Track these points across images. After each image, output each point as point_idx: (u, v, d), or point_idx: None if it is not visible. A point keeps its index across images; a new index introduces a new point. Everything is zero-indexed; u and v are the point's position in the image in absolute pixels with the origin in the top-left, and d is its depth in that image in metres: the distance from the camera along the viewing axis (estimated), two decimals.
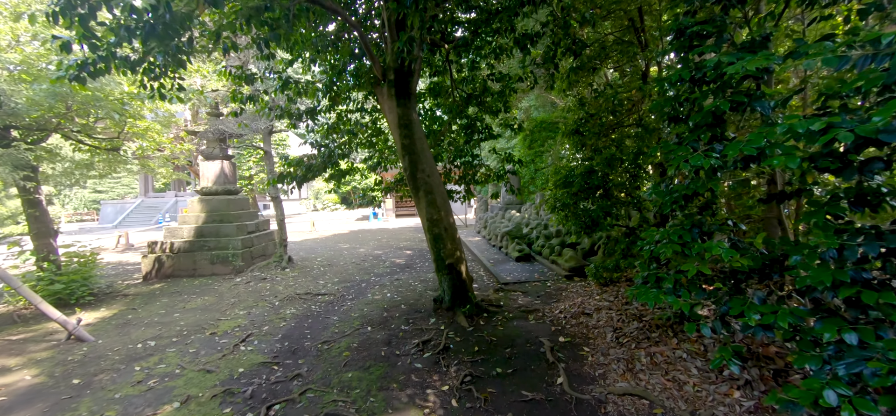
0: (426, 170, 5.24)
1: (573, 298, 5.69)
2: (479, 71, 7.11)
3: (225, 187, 9.24)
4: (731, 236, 3.24)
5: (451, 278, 5.20)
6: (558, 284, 6.84)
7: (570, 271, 7.24)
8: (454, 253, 5.21)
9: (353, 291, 7.38)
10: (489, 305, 5.55)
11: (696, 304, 3.04)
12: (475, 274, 8.21)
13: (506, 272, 7.87)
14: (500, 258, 9.37)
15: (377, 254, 11.53)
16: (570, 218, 6.86)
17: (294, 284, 7.92)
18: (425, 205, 5.22)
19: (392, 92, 5.24)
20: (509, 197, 15.97)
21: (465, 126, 7.26)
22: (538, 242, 9.36)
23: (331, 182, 6.63)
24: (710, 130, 3.10)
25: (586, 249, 7.99)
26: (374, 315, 5.72)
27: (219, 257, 8.42)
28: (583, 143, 7.25)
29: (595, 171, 6.55)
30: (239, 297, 7.01)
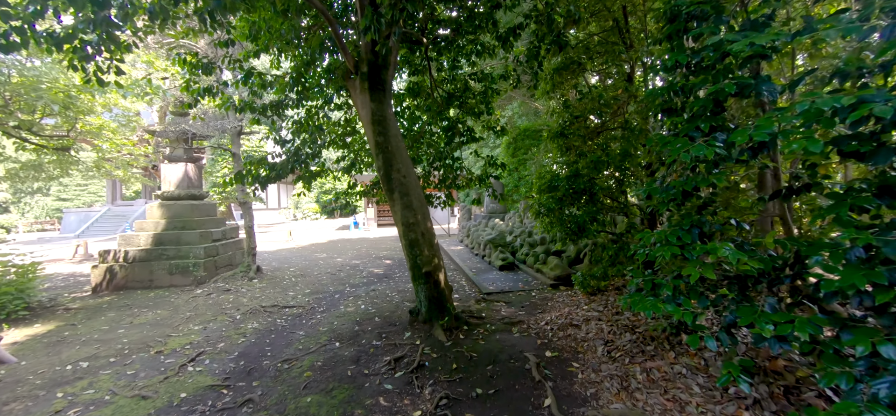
0: (402, 170, 4.83)
1: (560, 308, 5.33)
2: (459, 70, 6.80)
3: (188, 192, 8.59)
4: (735, 237, 2.94)
5: (428, 288, 4.77)
6: (544, 293, 6.48)
7: (556, 279, 6.90)
8: (432, 260, 4.79)
9: (325, 303, 6.85)
10: (470, 316, 5.13)
11: (699, 313, 2.70)
12: (456, 284, 7.78)
13: (489, 282, 7.48)
14: (482, 267, 8.98)
15: (354, 264, 10.99)
16: (556, 224, 6.54)
17: (261, 295, 7.33)
18: (400, 208, 4.80)
19: (365, 86, 4.84)
20: (493, 205, 15.68)
21: (445, 128, 6.91)
22: (522, 250, 9.02)
23: (299, 184, 6.13)
24: (711, 118, 2.81)
25: (572, 257, 7.68)
26: (345, 329, 5.22)
27: (178, 266, 7.75)
28: (568, 146, 6.99)
29: (581, 174, 6.28)
30: (196, 310, 6.38)
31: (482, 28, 5.30)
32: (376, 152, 4.86)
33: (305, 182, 5.92)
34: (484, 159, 6.77)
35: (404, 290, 7.42)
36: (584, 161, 6.29)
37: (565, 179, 6.28)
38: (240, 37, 4.85)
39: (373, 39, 4.86)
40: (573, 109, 6.67)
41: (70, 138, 7.51)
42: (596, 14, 7.07)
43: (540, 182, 6.78)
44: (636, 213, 6.56)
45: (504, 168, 6.73)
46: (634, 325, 4.08)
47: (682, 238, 2.91)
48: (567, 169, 6.43)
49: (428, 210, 5.03)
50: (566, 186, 6.19)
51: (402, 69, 6.93)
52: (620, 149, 5.80)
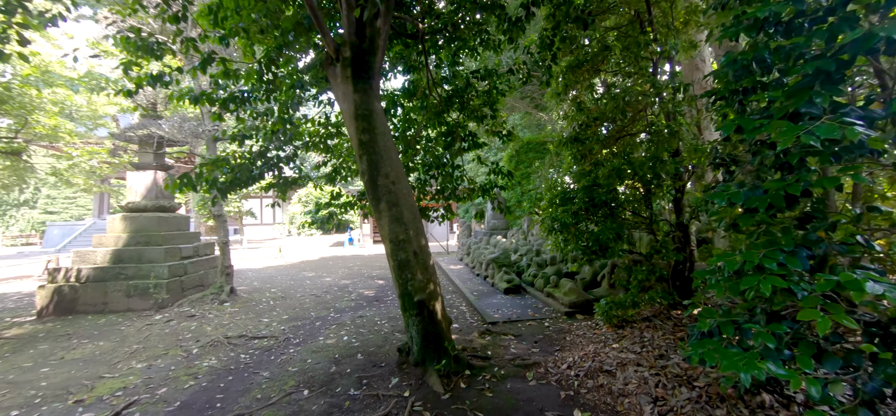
0: (390, 176, 3.95)
1: (582, 344, 4.37)
2: (461, 66, 6.00)
3: (157, 203, 7.68)
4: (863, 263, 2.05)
5: (422, 322, 3.83)
6: (558, 323, 5.52)
7: (571, 306, 5.95)
8: (426, 286, 3.87)
9: (303, 332, 5.87)
10: (473, 356, 4.17)
11: (832, 383, 1.79)
12: (456, 310, 6.82)
13: (493, 308, 6.52)
14: (485, 290, 8.02)
15: (344, 284, 10.01)
16: (571, 242, 5.64)
17: (229, 322, 6.34)
18: (388, 221, 3.89)
19: (347, 73, 4.00)
20: (494, 221, 14.78)
21: (445, 133, 6.06)
22: (529, 271, 8.08)
23: (271, 192, 5.24)
24: (831, 85, 1.94)
25: (587, 279, 6.75)
26: (319, 370, 4.25)
27: (137, 288, 6.77)
28: (583, 153, 6.14)
29: (599, 184, 5.41)
30: (147, 342, 5.39)
31: (487, 9, 4.48)
32: (360, 154, 3.98)
33: (280, 191, 5.03)
34: (488, 166, 5.90)
35: (396, 317, 6.45)
36: (605, 169, 5.42)
37: (582, 190, 5.41)
38: (201, 20, 4.02)
39: (358, 18, 4.05)
40: (590, 112, 5.84)
41: (21, 143, 6.62)
42: (612, 8, 6.33)
43: (552, 194, 5.91)
44: (664, 228, 5.66)
45: (511, 176, 5.87)
46: (689, 376, 3.13)
47: (788, 263, 2.01)
48: (583, 179, 5.57)
49: (422, 225, 4.13)
50: (583, 199, 5.31)
51: (397, 66, 6.13)
52: (649, 154, 4.94)
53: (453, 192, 5.91)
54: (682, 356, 3.22)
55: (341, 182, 5.61)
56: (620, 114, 5.16)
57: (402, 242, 3.87)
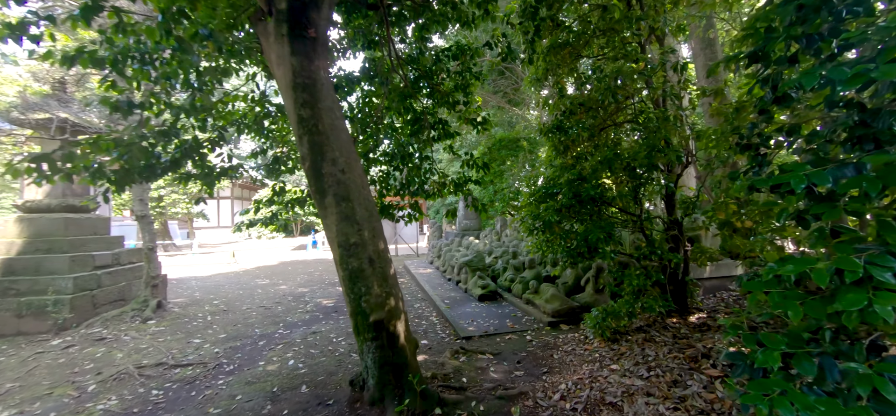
0: (339, 161, 3.10)
1: (574, 365, 3.69)
2: (430, 41, 5.22)
3: (64, 202, 6.36)
4: None
5: (380, 348, 3.00)
6: (542, 335, 4.85)
7: (555, 315, 5.30)
8: (385, 302, 3.05)
9: (240, 355, 4.88)
10: (445, 387, 3.39)
11: None
12: (425, 322, 6.01)
13: (467, 319, 5.77)
14: (458, 297, 7.27)
15: (300, 292, 8.96)
16: (555, 243, 4.99)
17: (149, 346, 5.22)
18: (336, 219, 3.04)
19: (282, 31, 3.11)
20: (467, 221, 14.10)
21: (411, 120, 5.26)
22: (505, 275, 7.41)
23: (182, 185, 4.23)
24: None
25: (570, 284, 6.14)
26: (247, 412, 3.33)
27: (31, 306, 5.49)
28: (566, 144, 5.52)
29: (585, 178, 4.80)
30: (29, 378, 4.23)
31: None
32: (300, 134, 3.10)
33: (205, 182, 4.04)
34: (462, 158, 5.16)
35: None
36: (592, 161, 4.81)
37: (567, 185, 4.77)
38: None
39: None
40: (574, 98, 5.22)
41: None
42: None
43: (532, 190, 5.25)
44: (656, 227, 5.12)
45: (487, 169, 5.15)
46: (715, 408, 2.50)
47: None
48: (567, 173, 4.93)
49: (380, 225, 3.30)
50: (568, 194, 4.67)
51: (356, 45, 5.26)
52: (644, 142, 4.36)
53: (421, 187, 5.12)
54: (733, 399, 2.54)
55: (287, 174, 4.67)
56: (611, 97, 4.55)
57: (354, 246, 3.03)
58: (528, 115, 14.95)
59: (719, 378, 2.76)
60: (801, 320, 1.56)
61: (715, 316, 4.65)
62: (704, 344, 3.42)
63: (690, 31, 8.33)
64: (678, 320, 4.59)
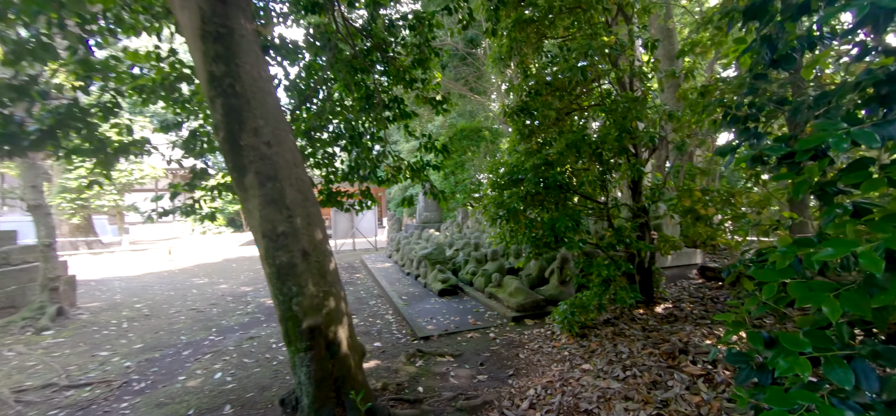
0: (263, 132, 2.50)
1: (542, 365, 3.35)
2: (383, 7, 4.66)
3: None
4: None
5: (317, 360, 2.47)
6: (506, 332, 4.49)
7: (519, 309, 4.98)
8: (323, 304, 2.51)
9: (156, 369, 4.12)
10: (397, 400, 2.91)
11: None
12: (380, 320, 5.48)
13: (426, 316, 5.31)
14: (417, 292, 6.79)
15: (243, 292, 8.08)
16: (520, 232, 4.64)
17: (39, 362, 4.30)
18: (260, 203, 2.45)
19: None
20: (427, 213, 13.62)
21: (362, 97, 4.67)
22: (467, 268, 7.03)
23: (99, 171, 3.42)
24: None
25: (534, 276, 5.86)
26: None
27: None
28: (531, 129, 5.19)
29: (551, 163, 4.48)
30: None
31: None
32: (212, 96, 2.47)
33: (100, 163, 3.25)
34: (420, 140, 4.67)
35: None
36: (559, 144, 4.50)
37: (532, 170, 4.43)
38: None
39: None
40: (541, 76, 4.88)
41: None
42: None
43: (495, 176, 4.87)
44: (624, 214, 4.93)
45: (447, 153, 4.69)
46: (702, 412, 2.21)
47: None
48: (532, 158, 4.59)
49: (318, 211, 2.75)
50: (534, 180, 4.33)
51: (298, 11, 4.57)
52: (614, 125, 4.08)
53: (374, 172, 4.57)
54: (744, 414, 2.18)
55: (209, 153, 3.93)
56: (580, 75, 4.23)
57: (282, 237, 2.46)
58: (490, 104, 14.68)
59: (701, 377, 2.50)
60: (839, 316, 1.23)
61: (680, 306, 4.52)
62: (679, 338, 3.20)
63: (650, 20, 8.33)
64: (645, 310, 4.41)
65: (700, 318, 3.99)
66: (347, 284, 8.37)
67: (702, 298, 4.73)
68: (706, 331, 3.39)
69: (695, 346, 2.96)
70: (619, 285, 3.92)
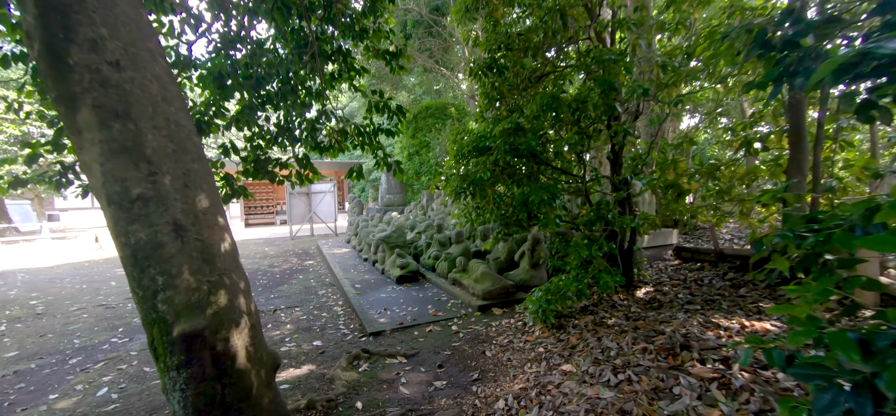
0: (107, 46, 1.66)
1: (514, 366, 2.75)
2: None
3: None
4: None
5: (198, 380, 1.71)
6: (471, 324, 3.88)
7: (486, 296, 4.38)
8: (205, 302, 1.74)
9: (25, 384, 3.20)
10: None
11: None
12: (326, 313, 4.72)
13: (379, 307, 4.61)
14: (373, 280, 6.06)
15: None
16: (487, 209, 4.02)
17: None
18: (100, 153, 1.63)
19: None
20: (390, 196, 12.81)
21: (298, 46, 3.80)
22: (429, 252, 6.37)
23: None
24: None
25: (502, 260, 5.28)
26: None
27: None
28: (501, 92, 4.53)
29: (523, 129, 3.86)
30: None
31: None
32: None
33: None
34: (368, 97, 3.89)
35: None
36: (534, 106, 3.87)
37: (502, 137, 3.79)
38: None
39: None
40: (512, 24, 4.22)
41: None
42: None
43: (459, 144, 4.19)
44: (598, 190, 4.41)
45: (402, 116, 3.94)
46: None
47: None
48: (502, 123, 3.94)
49: (205, 170, 1.95)
50: (503, 148, 3.70)
51: None
52: (598, 82, 3.48)
53: (311, 136, 3.75)
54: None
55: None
56: (559, 21, 3.59)
57: (139, 202, 1.66)
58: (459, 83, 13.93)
59: (714, 381, 1.97)
60: None
61: (662, 289, 4.09)
62: (675, 329, 2.69)
63: None
64: (625, 295, 3.93)
65: (687, 303, 3.54)
66: (297, 271, 7.50)
67: (684, 280, 4.33)
68: (701, 320, 2.92)
69: (697, 339, 2.45)
70: (600, 267, 3.39)
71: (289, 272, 7.47)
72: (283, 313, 4.82)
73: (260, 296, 5.74)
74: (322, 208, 14.39)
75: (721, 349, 2.24)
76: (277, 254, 10.10)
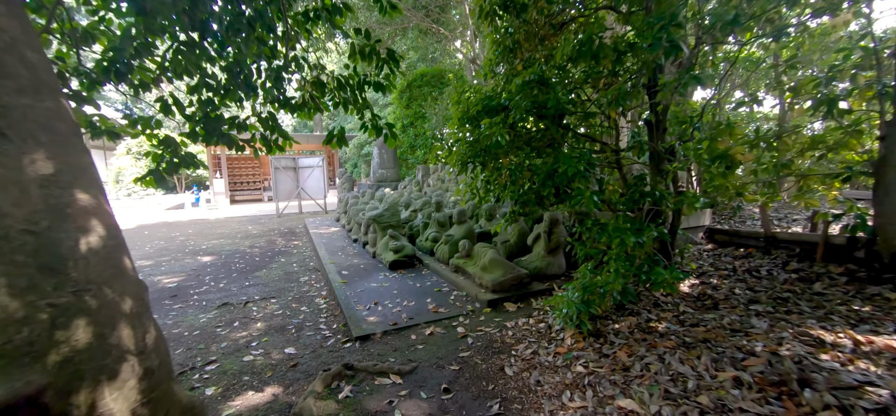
0: None
1: (550, 394, 2.05)
2: None
3: None
4: None
5: None
6: (481, 325, 3.16)
7: (497, 288, 3.66)
8: (44, 341, 0.96)
9: None
10: None
11: None
12: (306, 308, 3.97)
13: (369, 299, 3.87)
14: (363, 265, 5.32)
15: (137, 267, 6.19)
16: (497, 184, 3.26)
17: None
18: None
19: None
20: (383, 171, 11.96)
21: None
22: (427, 232, 5.62)
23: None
24: None
25: (513, 244, 4.55)
26: None
27: None
28: (515, 40, 3.68)
29: (547, 82, 3.06)
30: None
31: None
32: None
33: None
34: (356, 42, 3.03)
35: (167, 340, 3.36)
36: (566, 49, 3.05)
37: (521, 91, 2.98)
38: None
39: None
40: None
41: None
42: None
43: (465, 104, 3.37)
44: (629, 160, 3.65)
45: (396, 65, 3.11)
46: None
47: None
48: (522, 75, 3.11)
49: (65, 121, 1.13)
50: (524, 106, 2.90)
51: None
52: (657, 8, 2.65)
53: (277, 87, 2.91)
54: None
55: None
56: None
57: None
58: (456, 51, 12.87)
59: None
60: None
61: (710, 282, 3.40)
62: (763, 345, 1.98)
63: None
64: (667, 294, 3.23)
65: (750, 302, 2.85)
66: (279, 254, 6.73)
67: (733, 270, 3.63)
68: (791, 331, 2.21)
69: (814, 367, 1.75)
70: (650, 258, 2.66)
71: (270, 255, 6.71)
72: (255, 306, 4.08)
73: (233, 284, 4.99)
74: (310, 183, 13.51)
75: (863, 388, 1.54)
76: (260, 233, 9.31)
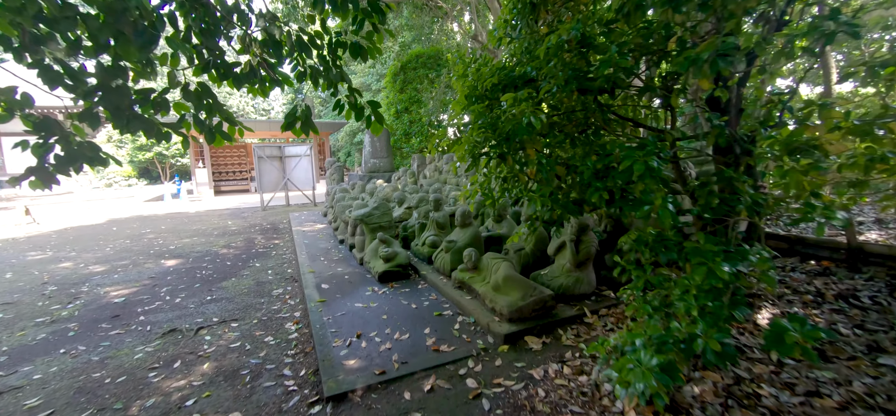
0: None
1: None
2: None
3: None
4: None
5: None
6: (496, 372, 2.34)
7: (516, 316, 2.83)
8: None
9: None
10: None
11: None
12: (273, 336, 3.13)
13: (350, 328, 3.04)
14: (348, 275, 4.48)
15: (88, 273, 5.34)
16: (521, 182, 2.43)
17: None
18: None
19: None
20: (375, 160, 11.06)
21: None
22: (424, 236, 4.78)
23: None
24: None
25: (528, 253, 3.72)
26: None
27: None
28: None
29: (591, 43, 2.19)
30: None
31: None
32: None
33: None
34: None
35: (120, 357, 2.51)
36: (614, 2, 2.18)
37: (555, 55, 2.13)
38: None
39: None
40: None
41: None
42: None
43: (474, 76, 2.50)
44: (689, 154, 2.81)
45: (381, 19, 2.24)
46: None
47: None
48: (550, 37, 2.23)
49: None
50: (561, 76, 2.03)
51: None
52: None
53: (207, 51, 2.02)
54: None
55: None
56: None
57: None
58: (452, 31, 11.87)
59: None
60: None
61: (795, 312, 2.60)
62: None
63: None
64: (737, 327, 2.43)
65: (872, 349, 2.05)
66: (256, 256, 5.87)
67: (820, 294, 2.83)
68: None
69: None
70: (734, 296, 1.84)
71: (245, 259, 5.84)
72: (209, 334, 3.24)
73: (191, 299, 4.14)
74: (298, 173, 12.58)
75: None
76: (240, 230, 8.42)
